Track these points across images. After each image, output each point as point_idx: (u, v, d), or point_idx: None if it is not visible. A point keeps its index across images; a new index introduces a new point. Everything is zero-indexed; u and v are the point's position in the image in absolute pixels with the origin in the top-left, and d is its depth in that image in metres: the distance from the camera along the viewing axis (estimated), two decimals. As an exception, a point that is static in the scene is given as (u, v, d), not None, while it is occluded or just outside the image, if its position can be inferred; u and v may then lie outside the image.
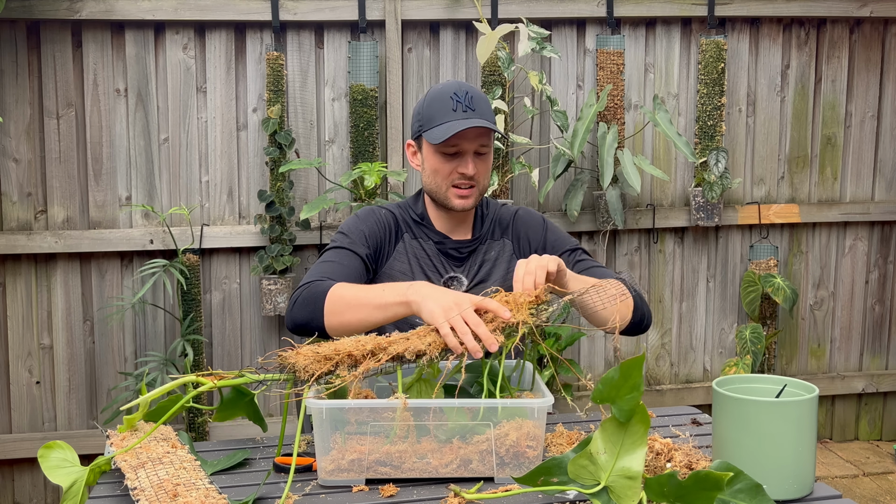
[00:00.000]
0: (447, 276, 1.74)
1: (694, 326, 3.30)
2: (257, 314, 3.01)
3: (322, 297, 1.49)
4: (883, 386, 3.41)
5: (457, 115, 1.64)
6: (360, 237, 1.71)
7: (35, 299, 2.88)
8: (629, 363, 1.08)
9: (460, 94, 1.65)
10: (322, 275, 1.59)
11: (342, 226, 1.75)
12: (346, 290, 1.49)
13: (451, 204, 1.70)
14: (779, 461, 1.15)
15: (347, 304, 1.46)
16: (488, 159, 1.72)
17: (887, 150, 3.35)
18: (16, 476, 2.94)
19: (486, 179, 1.73)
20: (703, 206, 3.09)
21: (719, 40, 3.07)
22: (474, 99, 1.66)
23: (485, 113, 1.67)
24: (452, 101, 1.65)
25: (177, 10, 2.82)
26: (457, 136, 1.64)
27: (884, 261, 3.41)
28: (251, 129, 2.95)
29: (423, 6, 2.94)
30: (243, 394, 1.39)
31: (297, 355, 1.26)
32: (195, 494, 1.13)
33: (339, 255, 1.67)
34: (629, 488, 1.05)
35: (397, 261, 1.74)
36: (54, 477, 1.21)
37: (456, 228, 1.78)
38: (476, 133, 1.65)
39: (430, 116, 1.67)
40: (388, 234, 1.75)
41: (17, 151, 2.83)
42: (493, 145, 1.74)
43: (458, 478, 1.25)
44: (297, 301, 1.53)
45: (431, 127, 1.66)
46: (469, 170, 1.66)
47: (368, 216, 1.76)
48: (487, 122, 1.64)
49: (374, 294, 1.44)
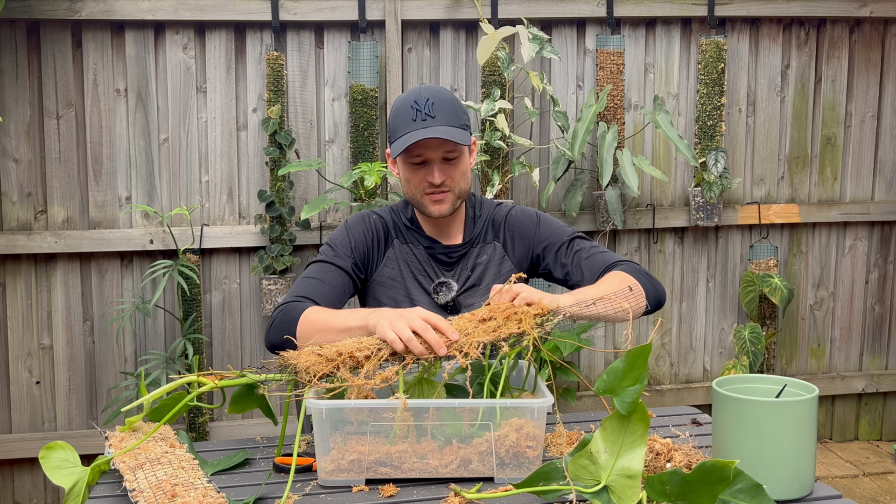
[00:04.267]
0: (437, 280, 1.73)
1: (694, 326, 3.30)
2: (257, 314, 3.01)
3: (294, 322, 1.52)
4: (883, 386, 3.41)
5: (416, 124, 1.61)
6: (345, 249, 1.71)
7: (35, 299, 2.88)
8: (635, 351, 1.08)
9: (420, 102, 1.62)
10: (302, 293, 1.61)
11: (331, 236, 1.76)
12: (315, 314, 1.52)
13: (428, 211, 1.69)
14: (779, 461, 1.15)
15: (316, 329, 1.48)
16: (460, 163, 1.67)
17: (887, 150, 3.35)
18: (16, 476, 2.94)
19: (464, 182, 1.69)
20: (703, 206, 3.09)
21: (719, 40, 3.07)
22: (435, 105, 1.61)
23: (447, 118, 1.62)
24: (412, 111, 1.62)
25: (177, 10, 2.82)
26: (417, 145, 1.61)
27: (884, 261, 3.41)
28: (251, 130, 2.95)
29: (423, 6, 2.94)
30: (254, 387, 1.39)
31: (298, 356, 1.26)
32: (193, 494, 1.13)
33: (322, 270, 1.67)
34: (629, 488, 1.05)
35: (387, 267, 1.73)
36: (56, 478, 1.21)
37: (445, 232, 1.76)
38: (437, 141, 1.62)
39: (395, 127, 1.65)
40: (376, 240, 1.74)
41: (17, 151, 2.83)
42: (466, 146, 1.69)
43: (458, 478, 1.25)
44: (273, 324, 1.56)
45: (395, 139, 1.64)
46: (435, 179, 1.64)
47: (357, 224, 1.75)
48: (445, 130, 1.60)
49: (341, 318, 1.46)
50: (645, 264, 3.22)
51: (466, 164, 1.70)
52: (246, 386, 1.38)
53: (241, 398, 1.40)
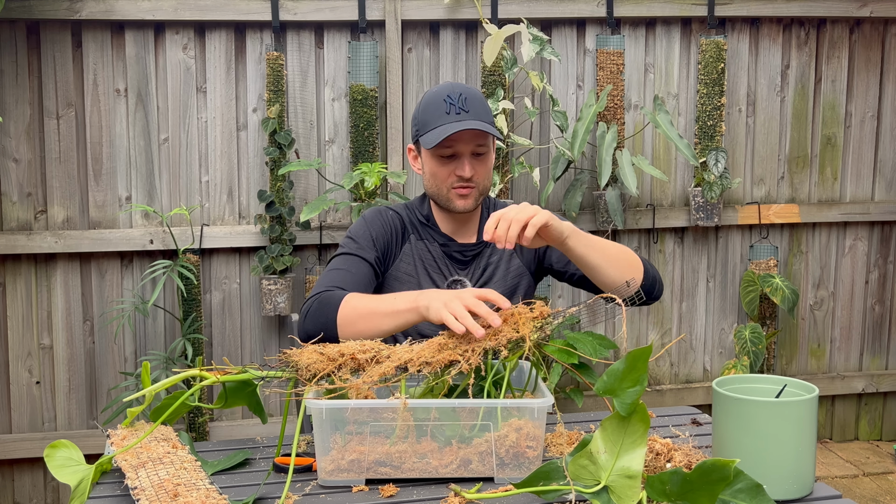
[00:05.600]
0: (451, 278, 1.74)
1: (694, 326, 3.30)
2: (257, 314, 3.01)
3: (335, 307, 1.49)
4: (883, 386, 3.41)
5: (450, 118, 1.63)
6: (367, 241, 1.71)
7: (35, 299, 2.88)
8: (636, 353, 1.08)
9: (454, 96, 1.65)
10: (332, 283, 1.60)
11: (350, 230, 1.75)
12: (357, 300, 1.49)
13: (453, 206, 1.70)
14: (779, 461, 1.15)
15: (359, 315, 1.46)
16: (487, 160, 1.71)
17: (887, 150, 3.35)
18: (16, 476, 2.94)
19: (487, 180, 1.72)
20: (703, 206, 3.09)
21: (719, 40, 3.07)
22: (468, 100, 1.65)
23: (480, 114, 1.66)
24: (446, 104, 1.64)
25: (177, 10, 2.82)
26: (451, 139, 1.63)
27: (884, 261, 3.41)
28: (251, 129, 2.95)
29: (423, 6, 2.94)
30: (246, 384, 1.39)
31: (300, 354, 1.26)
32: (196, 495, 1.13)
33: (347, 262, 1.67)
34: (629, 488, 1.05)
35: (403, 262, 1.74)
36: (61, 476, 1.21)
37: (461, 230, 1.78)
38: (471, 135, 1.65)
39: (425, 121, 1.67)
40: (394, 235, 1.75)
41: (17, 151, 2.83)
42: (492, 145, 1.73)
43: (458, 478, 1.26)
44: (309, 312, 1.52)
45: (426, 131, 1.66)
46: (466, 172, 1.66)
47: (375, 218, 1.75)
48: (480, 124, 1.63)
49: (386, 303, 1.45)
50: (645, 264, 3.23)
51: (492, 161, 1.73)
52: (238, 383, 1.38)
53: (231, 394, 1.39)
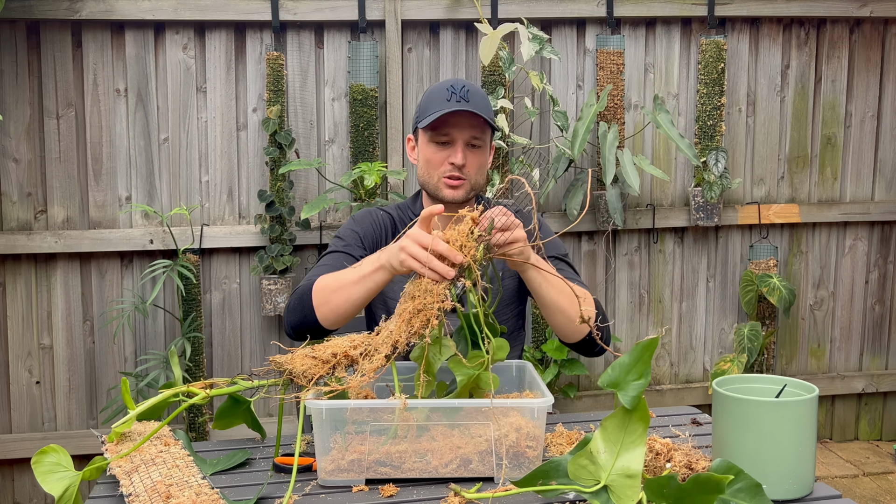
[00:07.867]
0: None
1: (694, 326, 3.30)
2: (257, 314, 3.01)
3: (308, 293, 1.55)
4: (883, 386, 3.41)
5: (450, 104, 1.65)
6: (355, 239, 1.74)
7: (35, 299, 2.88)
8: (642, 344, 1.09)
9: (457, 86, 1.67)
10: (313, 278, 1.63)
11: (339, 230, 1.79)
12: (326, 279, 1.54)
13: (442, 194, 1.70)
14: (779, 461, 1.15)
15: (331, 290, 1.51)
16: (482, 154, 1.71)
17: (887, 150, 3.35)
18: (16, 476, 2.94)
19: (480, 176, 1.72)
20: (703, 206, 3.09)
21: (719, 40, 3.07)
22: (470, 92, 1.67)
23: (480, 106, 1.67)
24: (448, 92, 1.67)
25: (177, 10, 2.82)
26: (448, 123, 1.65)
27: (884, 261, 3.41)
28: (251, 129, 2.95)
29: (423, 6, 2.94)
30: (239, 402, 1.39)
31: (292, 360, 1.25)
32: (187, 493, 1.14)
33: (332, 258, 1.71)
34: (629, 487, 1.05)
35: None
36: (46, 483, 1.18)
37: None
38: (468, 123, 1.66)
39: (426, 107, 1.70)
40: (384, 234, 1.78)
41: (17, 151, 2.83)
42: (489, 142, 1.74)
43: (458, 478, 1.25)
44: (290, 307, 1.60)
45: (426, 116, 1.69)
46: (458, 159, 1.67)
47: (364, 218, 1.79)
48: (478, 110, 1.64)
49: (353, 272, 1.49)
50: (645, 264, 3.22)
51: (486, 158, 1.74)
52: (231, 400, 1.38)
53: (227, 413, 1.40)
